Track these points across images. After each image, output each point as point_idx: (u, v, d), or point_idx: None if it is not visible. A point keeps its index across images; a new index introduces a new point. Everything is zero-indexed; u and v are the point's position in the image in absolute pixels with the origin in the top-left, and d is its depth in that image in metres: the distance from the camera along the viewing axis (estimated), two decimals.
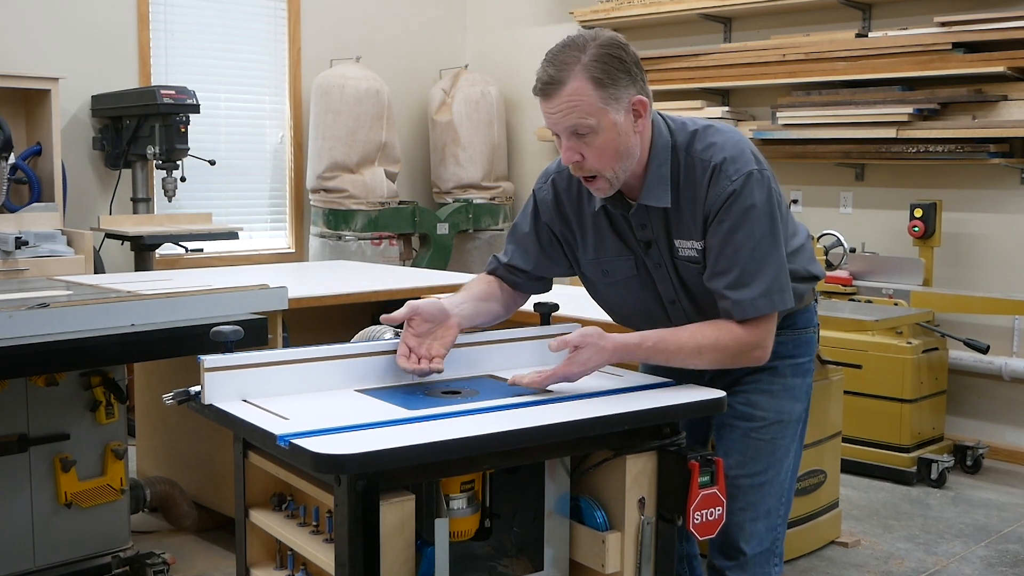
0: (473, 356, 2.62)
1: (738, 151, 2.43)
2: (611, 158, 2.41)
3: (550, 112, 2.39)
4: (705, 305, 2.53)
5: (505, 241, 2.82)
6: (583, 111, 2.35)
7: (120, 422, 3.87)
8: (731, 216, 2.40)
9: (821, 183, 6.62)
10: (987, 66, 5.60)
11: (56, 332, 3.26)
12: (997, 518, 4.96)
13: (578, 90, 2.34)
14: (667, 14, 7.04)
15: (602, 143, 2.38)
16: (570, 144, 2.41)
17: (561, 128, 2.40)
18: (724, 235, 2.41)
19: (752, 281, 2.40)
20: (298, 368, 2.36)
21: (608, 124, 2.37)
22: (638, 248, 2.57)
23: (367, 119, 7.33)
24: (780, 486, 2.68)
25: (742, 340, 2.43)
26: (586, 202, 2.61)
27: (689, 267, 2.52)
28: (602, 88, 2.34)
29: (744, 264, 2.40)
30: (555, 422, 2.14)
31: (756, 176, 2.41)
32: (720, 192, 2.40)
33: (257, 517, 2.36)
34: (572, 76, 2.34)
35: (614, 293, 2.69)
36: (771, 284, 2.41)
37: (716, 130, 2.49)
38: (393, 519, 2.00)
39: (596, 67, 2.34)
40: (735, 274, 2.41)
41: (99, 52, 6.71)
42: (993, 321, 5.91)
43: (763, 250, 2.41)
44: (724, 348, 2.43)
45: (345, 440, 1.95)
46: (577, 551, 2.37)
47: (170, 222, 6.55)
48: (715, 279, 2.44)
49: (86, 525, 3.83)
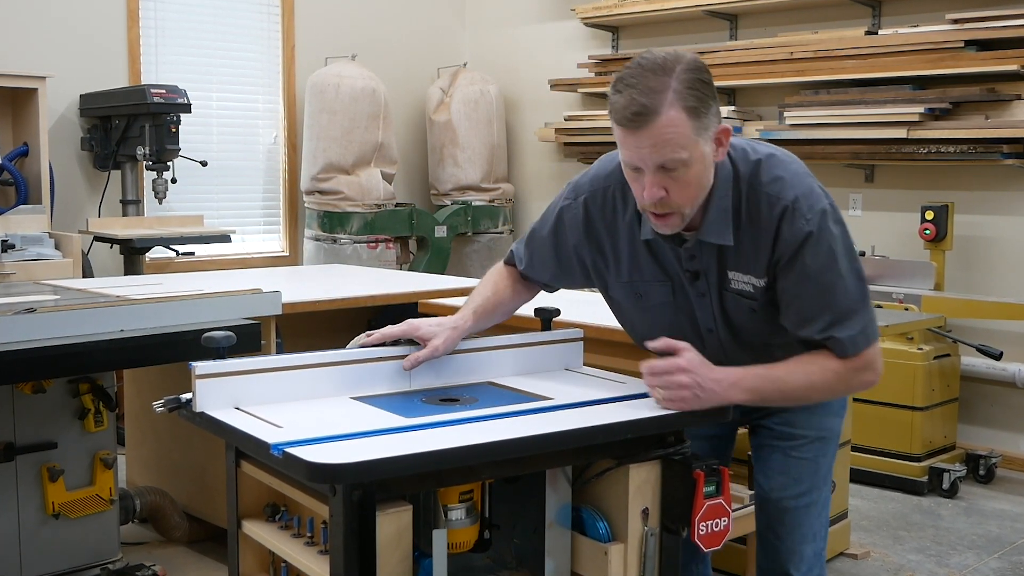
0: (472, 363, 2.60)
1: (807, 188, 2.29)
2: (695, 193, 2.25)
3: (639, 146, 2.18)
4: (745, 337, 2.44)
5: (524, 244, 2.69)
6: (678, 144, 2.16)
7: (109, 430, 3.91)
8: (813, 260, 2.28)
9: (830, 185, 6.33)
10: (1000, 64, 5.57)
11: (43, 338, 3.25)
12: (1010, 529, 4.92)
13: (673, 121, 2.14)
14: (671, 10, 7.02)
15: (690, 178, 2.21)
16: (656, 179, 2.21)
17: (649, 163, 2.19)
18: (809, 280, 2.29)
19: (847, 320, 2.30)
20: (292, 375, 2.35)
21: (699, 157, 2.20)
22: (679, 275, 2.44)
23: (363, 119, 7.31)
24: (823, 507, 2.61)
25: (850, 367, 2.33)
26: (621, 224, 2.46)
27: (739, 300, 2.40)
28: (696, 118, 2.16)
29: (838, 307, 2.30)
30: (556, 430, 2.13)
31: (829, 212, 2.29)
32: (796, 234, 2.27)
33: (250, 528, 2.36)
34: (666, 104, 2.13)
35: (643, 316, 2.56)
36: (867, 320, 2.33)
37: (779, 160, 2.34)
38: (390, 530, 1.99)
39: (690, 95, 2.15)
40: (829, 318, 2.30)
41: (87, 50, 6.70)
42: (1006, 327, 5.88)
43: (851, 287, 2.31)
44: (834, 380, 2.34)
45: (340, 449, 1.93)
46: (579, 563, 2.35)
47: (160, 225, 6.54)
48: (806, 325, 2.33)
49: (74, 536, 3.86)
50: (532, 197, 8.29)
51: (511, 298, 2.69)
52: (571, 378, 2.65)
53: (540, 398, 2.39)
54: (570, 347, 2.75)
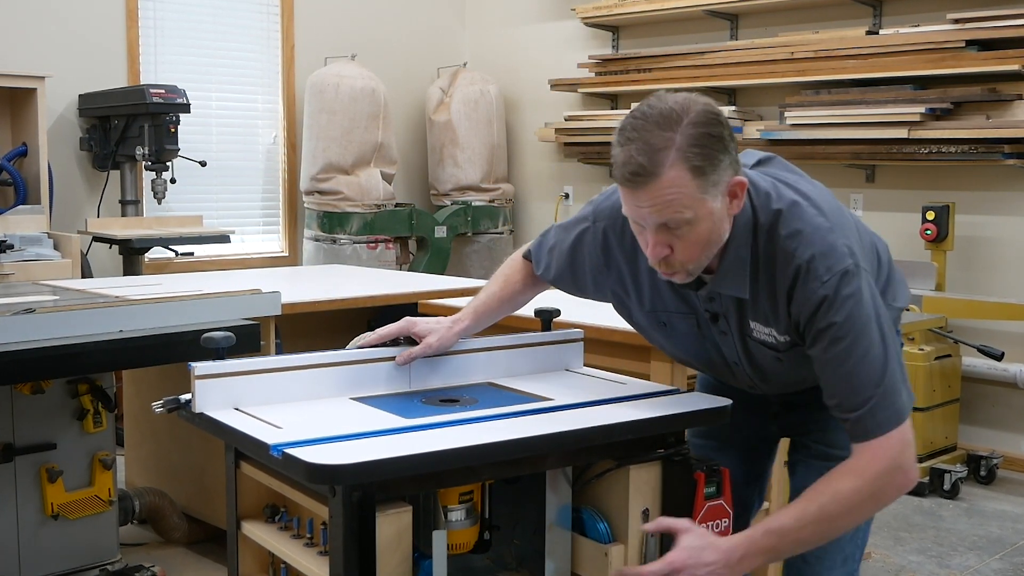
0: (472, 363, 2.58)
1: (827, 246, 2.07)
2: (700, 251, 2.10)
3: (639, 205, 2.04)
4: (773, 376, 2.32)
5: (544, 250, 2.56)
6: (680, 204, 2.01)
7: (108, 431, 3.90)
8: (829, 328, 2.07)
9: (830, 185, 6.30)
10: (1002, 64, 5.56)
11: (42, 338, 3.24)
12: (1012, 530, 4.91)
13: (674, 181, 1.99)
14: (672, 10, 7.01)
15: (695, 237, 2.06)
16: (659, 239, 2.07)
17: (650, 222, 2.06)
18: (827, 352, 2.09)
19: (867, 399, 2.07)
20: (292, 376, 2.33)
21: (705, 214, 2.04)
22: (701, 312, 2.31)
23: (363, 119, 7.30)
24: (858, 529, 2.43)
25: (870, 474, 2.07)
26: (641, 254, 2.25)
27: (763, 349, 2.26)
28: (702, 176, 2.00)
29: (855, 383, 2.07)
30: (556, 431, 2.11)
31: (852, 273, 2.07)
32: (810, 296, 2.08)
33: (249, 529, 2.34)
34: (667, 165, 1.98)
35: (670, 342, 2.46)
36: (890, 395, 2.07)
37: (802, 211, 2.12)
38: (389, 531, 1.98)
39: (695, 153, 1.99)
40: (845, 395, 2.09)
41: (87, 50, 6.69)
42: (1008, 327, 5.87)
43: (872, 360, 2.07)
44: (856, 500, 2.08)
45: (340, 450, 1.92)
46: (579, 564, 2.33)
47: (160, 225, 6.53)
48: (828, 399, 2.13)
49: (73, 537, 3.84)
50: (532, 197, 8.28)
51: (522, 291, 2.61)
52: (571, 379, 2.63)
53: (540, 399, 2.37)
54: (570, 347, 2.73)
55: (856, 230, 2.20)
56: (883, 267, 2.36)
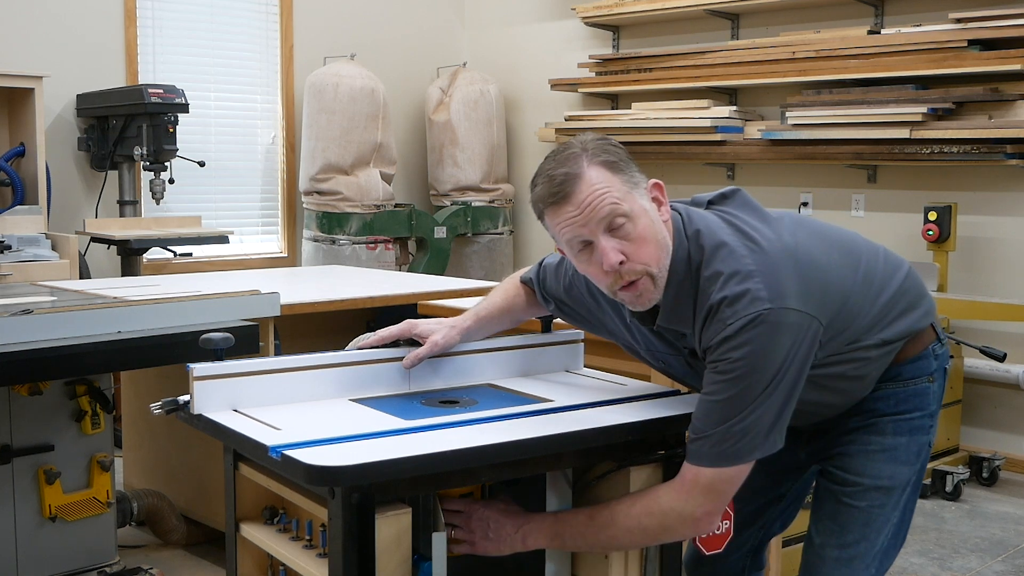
0: (472, 365, 2.59)
1: (741, 289, 2.06)
2: (654, 249, 2.11)
3: (573, 214, 2.07)
4: None
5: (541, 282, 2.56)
6: (612, 196, 2.06)
7: (106, 433, 3.87)
8: (719, 362, 2.07)
9: (832, 185, 6.58)
10: (1004, 64, 5.54)
11: (40, 339, 3.24)
12: (1014, 532, 4.90)
13: (598, 176, 2.07)
14: (672, 10, 7.00)
15: (641, 232, 2.09)
16: (608, 244, 2.08)
17: (592, 226, 2.07)
18: (708, 377, 2.10)
19: (708, 429, 2.07)
20: (290, 377, 2.34)
21: (639, 210, 2.09)
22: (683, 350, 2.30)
23: (362, 119, 7.29)
24: (872, 562, 2.37)
25: (666, 506, 2.11)
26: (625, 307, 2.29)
27: None
28: (620, 172, 2.09)
29: (709, 415, 2.08)
30: (556, 433, 2.12)
31: (761, 319, 2.03)
32: (712, 337, 2.08)
33: (248, 531, 2.34)
34: (584, 166, 2.07)
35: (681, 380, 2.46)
36: (732, 437, 2.06)
37: (727, 253, 2.12)
38: (389, 533, 1.98)
39: (603, 154, 2.09)
40: (697, 418, 2.11)
41: (84, 49, 6.68)
42: (1010, 328, 5.87)
43: (734, 406, 2.05)
44: (647, 519, 2.13)
45: (339, 451, 1.93)
46: (579, 567, 2.36)
47: (158, 226, 6.52)
48: None
49: (71, 539, 3.82)
50: None
51: (522, 309, 2.61)
52: (571, 380, 2.64)
53: (540, 400, 2.38)
54: (570, 349, 2.74)
55: (801, 275, 2.13)
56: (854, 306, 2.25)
